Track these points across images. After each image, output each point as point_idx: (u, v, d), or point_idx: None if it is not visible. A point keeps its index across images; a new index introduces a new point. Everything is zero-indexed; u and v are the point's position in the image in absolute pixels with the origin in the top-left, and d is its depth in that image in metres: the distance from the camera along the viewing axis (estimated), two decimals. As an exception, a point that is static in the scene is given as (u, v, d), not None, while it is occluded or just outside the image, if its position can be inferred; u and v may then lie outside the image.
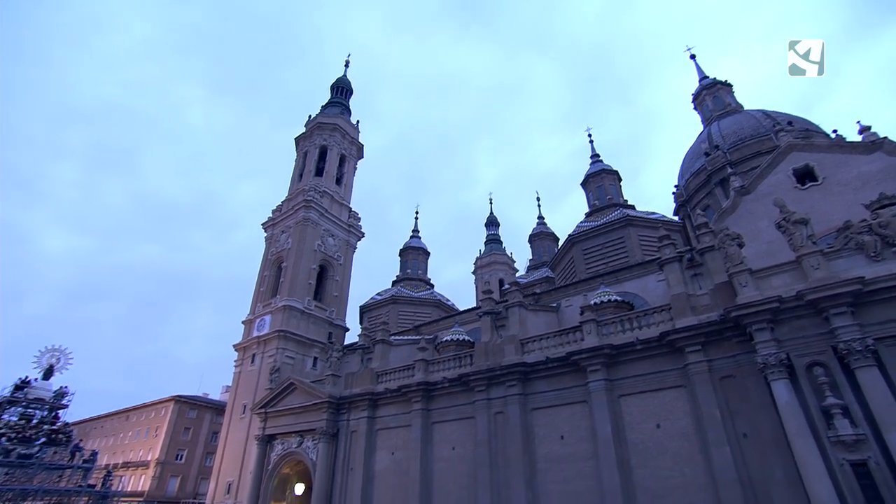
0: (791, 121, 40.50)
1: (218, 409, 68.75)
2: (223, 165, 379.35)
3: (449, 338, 40.57)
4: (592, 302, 32.82)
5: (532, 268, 70.68)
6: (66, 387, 31.67)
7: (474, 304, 54.91)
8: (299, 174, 69.77)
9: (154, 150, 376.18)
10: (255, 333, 54.92)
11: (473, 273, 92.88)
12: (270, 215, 66.71)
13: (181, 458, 66.31)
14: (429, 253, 72.04)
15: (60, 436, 29.46)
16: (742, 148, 44.31)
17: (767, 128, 43.78)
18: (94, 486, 28.53)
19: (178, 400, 69.01)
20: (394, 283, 66.72)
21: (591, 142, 61.78)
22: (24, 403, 29.40)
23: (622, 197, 54.86)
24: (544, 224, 79.12)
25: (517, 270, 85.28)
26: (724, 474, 22.29)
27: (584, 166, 59.46)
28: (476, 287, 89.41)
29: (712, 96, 56.04)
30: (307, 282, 56.78)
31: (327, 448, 39.18)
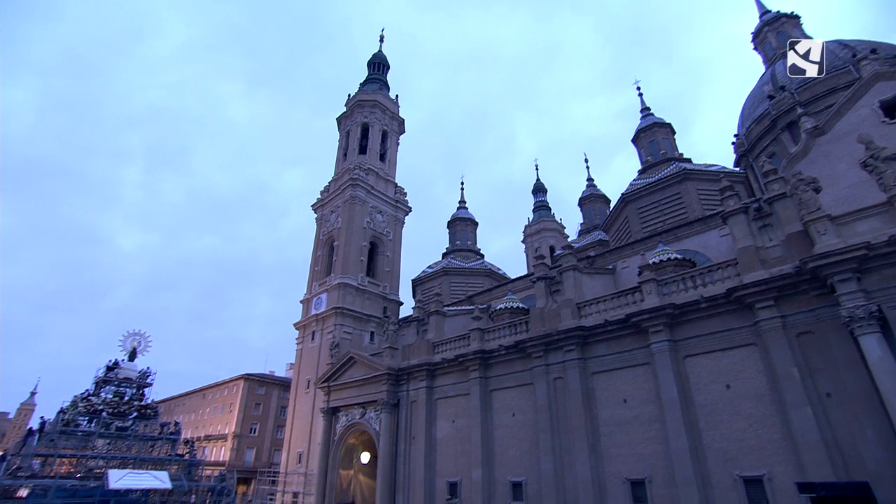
0: (875, 48, 36.25)
1: (284, 385, 72.43)
2: (268, 156, 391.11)
3: (503, 306, 40.31)
4: (651, 261, 31.46)
5: (584, 232, 68.70)
6: (148, 367, 34.29)
7: (526, 273, 54.22)
8: (343, 153, 70.44)
9: (203, 147, 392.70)
10: (313, 311, 56.87)
11: (523, 242, 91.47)
12: (319, 196, 68.09)
13: (254, 432, 70.82)
14: (477, 223, 71.46)
15: (149, 411, 32.00)
16: (813, 86, 40.37)
17: (845, 59, 39.50)
18: (182, 455, 30.85)
19: (247, 378, 73.20)
20: (444, 255, 66.83)
21: (641, 95, 58.48)
22: (115, 383, 32.09)
23: (676, 151, 51.80)
24: (594, 186, 76.31)
25: (567, 237, 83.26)
26: (806, 435, 21.04)
27: (629, 128, 57.02)
28: (526, 256, 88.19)
29: (776, 32, 51.13)
30: (359, 259, 57.88)
31: (389, 418, 40.39)
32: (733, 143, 49.08)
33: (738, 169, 47.49)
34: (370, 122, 69.57)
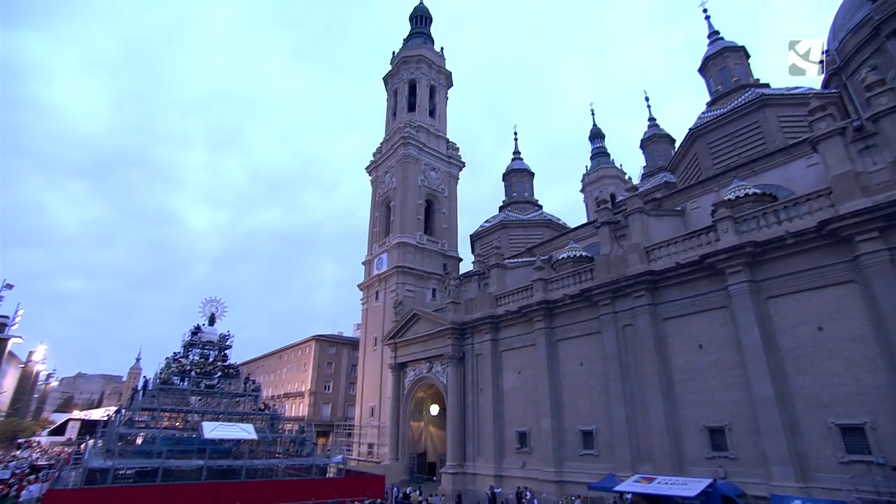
0: None
1: (352, 344, 75.65)
2: (318, 128, 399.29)
3: (565, 255, 39.12)
4: (726, 197, 29.01)
5: (647, 175, 64.75)
6: (228, 331, 36.50)
7: (586, 222, 52.19)
8: (392, 113, 69.72)
9: (257, 125, 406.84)
10: (375, 272, 58.14)
11: (581, 191, 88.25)
12: (372, 159, 68.28)
13: (329, 389, 75.12)
14: (533, 174, 69.16)
15: (231, 370, 34.27)
16: (923, -18, 34.53)
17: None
18: (264, 409, 33.05)
19: (318, 339, 77.07)
20: (501, 208, 65.56)
21: (708, 18, 52.74)
22: (200, 345, 34.51)
23: (751, 77, 46.70)
24: (657, 126, 71.06)
25: (628, 184, 79.06)
26: (916, 377, 19.06)
27: (686, 67, 51.55)
28: (585, 205, 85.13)
29: (874, -76, 43.83)
30: (416, 217, 58.00)
31: (456, 371, 41.11)
32: (821, 62, 43.45)
33: (828, 90, 42.29)
34: (417, 77, 68.01)
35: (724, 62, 47.31)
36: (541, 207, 64.48)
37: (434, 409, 47.31)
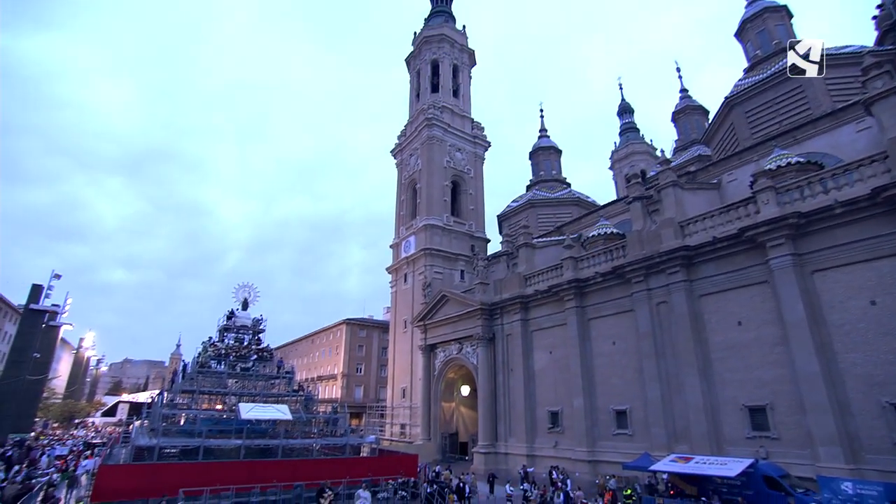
0: None
1: (383, 327, 76.51)
2: (342, 117, 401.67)
3: (596, 233, 38.17)
4: (767, 167, 27.53)
5: (680, 149, 62.30)
6: (261, 315, 37.22)
7: (616, 199, 50.70)
8: (416, 94, 68.98)
9: (281, 116, 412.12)
10: (403, 255, 58.29)
11: (610, 168, 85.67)
12: (397, 142, 67.98)
13: (360, 371, 76.42)
14: (560, 151, 67.53)
15: (266, 353, 34.99)
16: None
17: None
18: (298, 391, 33.73)
19: (349, 322, 78.28)
20: (528, 187, 64.41)
21: (747, -23, 49.71)
22: (234, 330, 35.33)
23: (794, 37, 43.91)
24: (689, 97, 67.94)
25: (659, 159, 76.24)
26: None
27: (716, 36, 48.56)
28: (615, 183, 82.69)
29: None
30: (442, 199, 57.63)
31: (486, 352, 40.99)
32: (874, 18, 40.46)
33: (883, 47, 39.39)
34: (439, 57, 66.90)
35: (763, 24, 44.66)
36: (569, 185, 63.07)
37: (465, 390, 47.50)
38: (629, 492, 24.29)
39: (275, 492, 19.99)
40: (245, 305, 36.21)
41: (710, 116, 54.47)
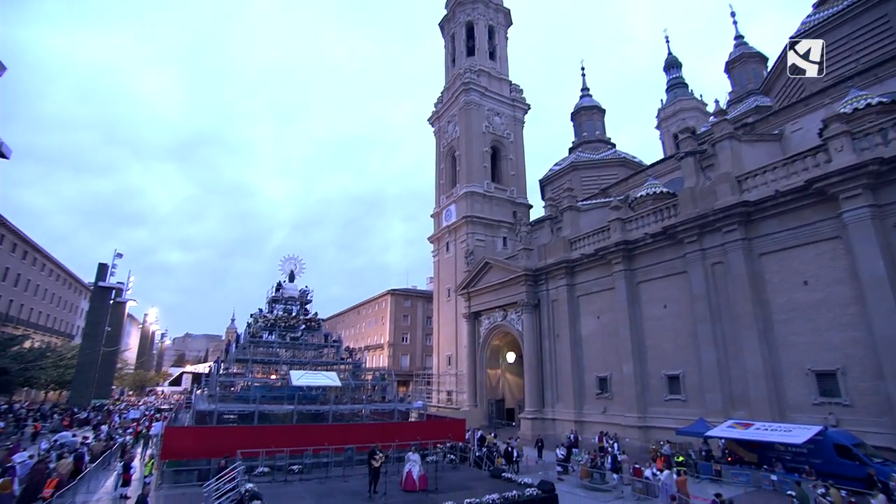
0: None
1: (426, 297, 77.24)
2: (377, 92, 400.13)
3: (644, 192, 36.39)
4: (841, 111, 24.99)
5: (735, 101, 57.98)
6: (307, 286, 38.06)
7: (664, 158, 48.02)
8: (451, 60, 67.09)
9: (318, 95, 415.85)
10: (444, 224, 57.91)
11: (657, 128, 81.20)
12: (433, 109, 66.75)
13: (406, 340, 77.93)
14: (604, 111, 64.54)
15: (313, 323, 35.88)
16: None
17: None
18: (346, 359, 34.53)
19: (393, 293, 79.50)
20: (570, 149, 62.17)
21: None
22: (283, 301, 36.33)
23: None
24: (745, 44, 62.62)
25: (709, 116, 71.36)
26: None
27: None
28: (662, 143, 78.39)
29: None
30: (482, 165, 56.42)
31: (531, 318, 40.47)
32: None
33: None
34: (474, 19, 64.48)
35: (834, -47, 40.12)
36: (614, 146, 60.41)
37: (510, 357, 47.37)
38: (681, 458, 23.60)
39: (326, 454, 20.60)
40: (292, 277, 37.00)
41: (769, 65, 50.24)
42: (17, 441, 29.97)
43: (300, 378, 26.48)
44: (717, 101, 40.37)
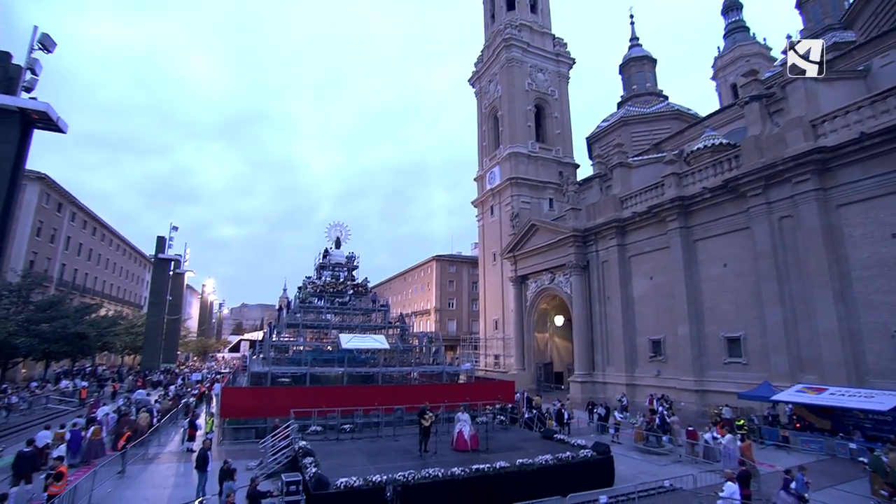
0: None
1: (472, 262, 77.02)
2: (415, 61, 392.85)
3: (702, 145, 33.91)
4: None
5: (808, 38, 52.75)
6: (352, 252, 38.37)
7: (723, 107, 44.42)
8: (490, 16, 64.12)
9: (357, 66, 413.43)
10: (488, 186, 56.66)
11: (713, 78, 75.31)
12: (474, 69, 64.48)
13: (452, 306, 78.52)
14: (655, 60, 60.33)
15: (360, 288, 36.27)
16: None
17: None
18: (393, 322, 34.86)
19: (438, 259, 79.76)
20: (619, 104, 58.79)
21: None
22: (330, 267, 36.84)
23: None
24: (822, -26, 56.42)
25: (773, 61, 65.10)
26: None
27: None
28: (718, 94, 72.78)
29: None
30: (526, 125, 54.32)
31: (580, 280, 39.29)
32: None
33: None
34: (514, -32, 60.98)
35: None
36: (666, 98, 56.62)
37: (559, 320, 46.51)
38: (741, 422, 22.44)
39: (377, 414, 20.86)
40: (338, 244, 37.29)
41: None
42: (98, 398, 33.04)
43: (349, 341, 26.85)
44: (788, 37, 36.57)
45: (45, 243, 51.68)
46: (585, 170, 55.42)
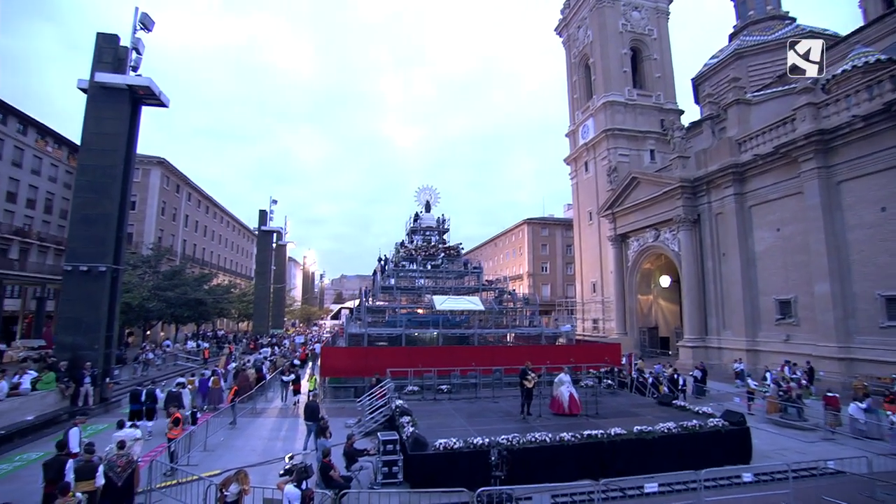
0: None
1: (565, 224, 73.80)
2: (492, 23, 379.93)
3: (849, 66, 28.25)
4: None
5: None
6: (443, 215, 37.72)
7: (876, 18, 36.78)
8: (575, -46, 58.66)
9: (435, 37, 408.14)
10: (581, 141, 52.98)
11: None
12: (560, 17, 59.88)
13: (546, 270, 76.17)
14: (778, -21, 51.67)
15: (452, 251, 35.63)
16: None
17: None
18: (488, 285, 33.94)
19: (530, 222, 77.35)
20: (732, 35, 51.44)
21: None
22: (421, 231, 36.58)
23: None
24: None
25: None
26: None
27: None
28: (863, 10, 61.06)
29: None
30: (621, 70, 49.52)
31: (689, 236, 35.46)
32: None
33: None
34: None
35: None
36: (793, 20, 48.45)
37: (664, 281, 42.76)
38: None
39: (474, 375, 20.12)
40: (428, 207, 36.82)
41: None
42: (229, 357, 36.65)
43: (444, 303, 26.38)
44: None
45: (168, 221, 57.49)
46: (691, 115, 50.00)
